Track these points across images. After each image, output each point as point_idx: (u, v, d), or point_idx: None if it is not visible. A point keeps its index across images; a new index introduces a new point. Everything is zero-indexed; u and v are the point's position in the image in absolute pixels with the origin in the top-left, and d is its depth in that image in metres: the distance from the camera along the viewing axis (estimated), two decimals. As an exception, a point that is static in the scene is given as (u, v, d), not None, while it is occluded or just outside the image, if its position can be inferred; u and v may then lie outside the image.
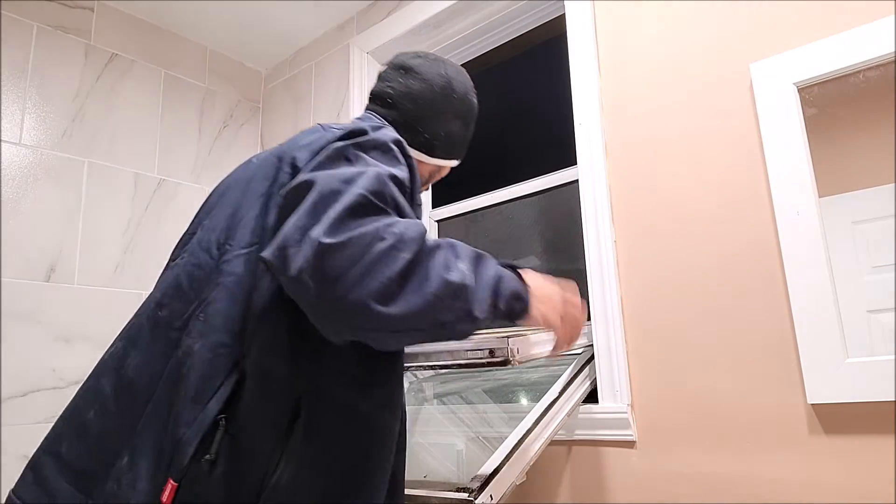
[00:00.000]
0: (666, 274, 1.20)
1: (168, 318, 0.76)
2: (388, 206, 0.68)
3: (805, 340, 1.00)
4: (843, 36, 1.04)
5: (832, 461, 0.98)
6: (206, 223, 0.84)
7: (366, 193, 0.66)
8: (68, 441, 0.76)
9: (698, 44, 1.24)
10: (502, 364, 0.89)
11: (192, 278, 0.78)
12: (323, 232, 0.62)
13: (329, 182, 0.67)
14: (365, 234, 0.63)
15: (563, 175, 1.56)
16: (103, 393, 0.76)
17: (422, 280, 0.64)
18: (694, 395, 1.13)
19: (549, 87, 1.71)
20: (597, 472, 1.22)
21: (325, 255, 0.61)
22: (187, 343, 0.72)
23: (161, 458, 0.68)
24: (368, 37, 1.97)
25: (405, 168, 0.77)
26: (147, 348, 0.76)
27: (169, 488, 0.66)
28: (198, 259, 0.79)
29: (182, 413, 0.68)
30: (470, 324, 0.69)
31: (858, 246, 0.99)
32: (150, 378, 0.73)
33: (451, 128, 0.99)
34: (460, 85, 1.00)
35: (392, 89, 0.96)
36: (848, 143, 1.03)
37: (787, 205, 1.05)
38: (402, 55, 1.01)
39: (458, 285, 0.66)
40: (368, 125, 0.80)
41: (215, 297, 0.73)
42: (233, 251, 0.76)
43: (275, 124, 2.29)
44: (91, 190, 1.85)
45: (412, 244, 0.65)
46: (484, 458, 1.16)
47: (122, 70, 1.98)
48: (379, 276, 0.61)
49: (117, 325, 1.80)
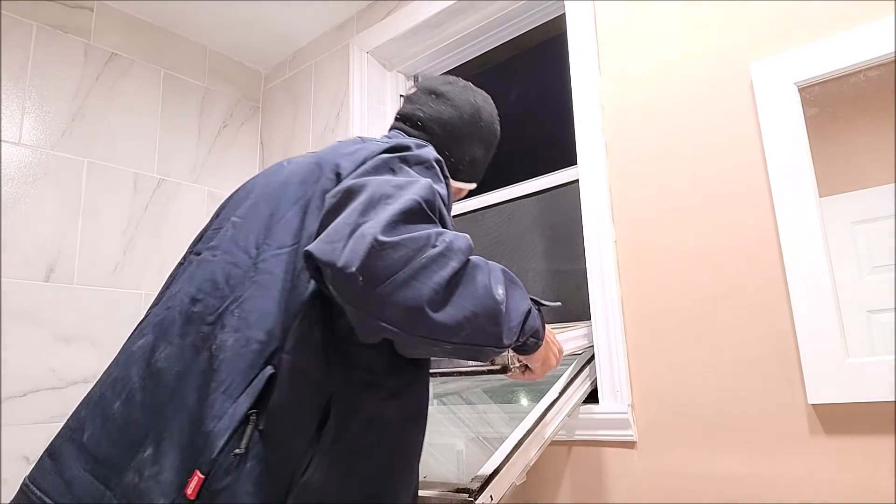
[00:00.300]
0: (666, 274, 1.20)
1: (201, 312, 0.77)
2: (436, 216, 0.70)
3: (805, 340, 1.00)
4: (843, 36, 1.04)
5: (832, 461, 0.97)
6: (238, 222, 0.85)
7: (419, 199, 0.68)
8: (92, 430, 0.75)
9: (698, 43, 1.23)
10: (502, 371, 0.90)
11: (228, 275, 0.79)
12: (378, 230, 0.63)
13: (381, 186, 0.69)
14: (418, 238, 0.64)
15: (563, 175, 1.56)
16: (131, 383, 0.76)
17: (466, 294, 0.66)
18: (694, 396, 1.13)
19: (549, 87, 1.71)
20: (597, 472, 1.22)
21: (379, 252, 0.61)
22: (221, 337, 0.72)
23: (188, 451, 0.68)
24: (368, 37, 1.97)
25: (444, 186, 0.81)
26: (178, 342, 0.76)
27: (195, 481, 0.66)
28: (235, 257, 0.80)
29: (213, 406, 0.68)
30: (496, 348, 0.71)
31: (859, 246, 0.99)
32: (179, 371, 0.73)
33: (476, 153, 1.04)
34: (487, 114, 1.05)
35: (423, 112, 1.00)
36: (848, 142, 1.02)
37: (787, 205, 1.05)
38: (433, 80, 1.05)
39: (496, 309, 0.69)
40: (412, 142, 0.84)
41: (251, 295, 0.74)
42: (270, 251, 0.78)
43: (274, 124, 2.29)
44: (90, 190, 1.84)
45: (460, 254, 0.67)
46: (484, 459, 1.15)
47: (122, 70, 1.98)
48: (429, 282, 0.63)
49: (117, 325, 1.81)
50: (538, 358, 0.88)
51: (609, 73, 1.37)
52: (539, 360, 0.88)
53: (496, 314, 0.69)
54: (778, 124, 1.08)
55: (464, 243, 0.69)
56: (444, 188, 0.80)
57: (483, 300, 0.67)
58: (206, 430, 0.67)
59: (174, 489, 0.66)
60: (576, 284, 1.49)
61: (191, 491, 0.65)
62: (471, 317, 0.66)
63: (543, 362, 0.89)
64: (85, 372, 1.75)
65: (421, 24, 1.81)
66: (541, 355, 0.87)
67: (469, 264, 0.68)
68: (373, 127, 1.95)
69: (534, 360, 0.88)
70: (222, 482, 0.66)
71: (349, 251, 0.62)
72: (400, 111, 1.03)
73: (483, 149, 1.05)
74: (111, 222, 1.87)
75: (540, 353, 0.87)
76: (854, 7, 1.05)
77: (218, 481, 0.66)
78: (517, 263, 1.61)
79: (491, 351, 0.72)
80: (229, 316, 0.74)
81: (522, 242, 1.62)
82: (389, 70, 2.04)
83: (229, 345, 0.71)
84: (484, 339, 0.69)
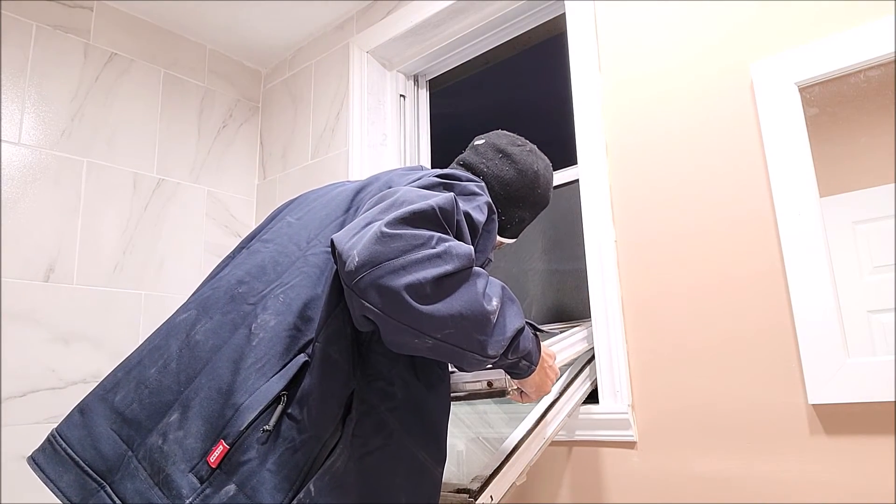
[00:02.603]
0: (666, 274, 1.20)
1: (245, 293, 0.81)
2: (450, 226, 0.74)
3: (806, 340, 1.00)
4: (843, 36, 1.04)
5: (833, 461, 0.97)
6: (294, 222, 0.91)
7: (434, 206, 0.72)
8: (125, 391, 0.78)
9: (699, 43, 1.23)
10: (500, 395, 0.91)
11: (276, 263, 0.84)
12: (385, 223, 0.68)
13: (409, 193, 0.75)
14: (418, 236, 0.68)
15: (563, 175, 1.56)
16: (169, 352, 0.79)
17: (455, 295, 0.68)
18: (695, 396, 1.13)
19: (549, 87, 1.71)
20: (597, 472, 1.22)
21: (381, 240, 0.66)
22: (263, 317, 0.76)
23: (215, 421, 0.70)
24: (368, 36, 1.97)
25: (484, 215, 0.84)
26: (218, 317, 0.80)
27: (219, 450, 0.68)
28: (286, 249, 0.86)
29: (246, 381, 0.71)
30: (480, 356, 0.73)
31: (859, 246, 0.99)
32: (215, 343, 0.77)
33: (525, 215, 1.10)
34: (545, 181, 1.11)
35: (486, 167, 1.05)
36: (848, 142, 1.02)
37: (788, 205, 1.05)
38: (504, 138, 1.10)
39: (484, 318, 0.71)
40: (466, 176, 0.89)
41: (297, 283, 0.79)
42: (320, 246, 0.84)
43: (274, 124, 2.29)
44: (90, 189, 1.84)
45: (457, 260, 0.69)
46: (484, 459, 1.15)
47: (122, 69, 1.98)
48: (416, 274, 0.66)
49: (117, 325, 1.81)
50: (532, 383, 0.88)
51: (609, 72, 1.36)
52: (533, 385, 0.89)
53: (484, 322, 0.71)
54: (778, 124, 1.08)
55: (464, 251, 0.71)
56: (481, 216, 0.83)
57: (472, 305, 0.69)
58: (237, 403, 0.70)
59: (197, 455, 0.69)
60: (576, 284, 1.49)
61: (213, 459, 0.68)
62: (457, 317, 0.68)
63: (538, 388, 0.90)
64: (85, 372, 1.75)
65: (421, 23, 1.81)
66: (535, 381, 0.88)
67: (467, 271, 0.71)
68: (373, 126, 1.95)
69: (527, 385, 0.89)
70: (246, 455, 0.68)
71: (357, 238, 0.68)
72: (464, 158, 1.08)
73: (532, 212, 1.11)
74: (111, 222, 1.87)
75: (534, 379, 0.87)
76: (854, 7, 1.05)
77: (242, 454, 0.68)
78: (517, 263, 1.61)
79: (474, 358, 0.73)
80: (273, 299, 0.78)
81: (522, 242, 1.62)
82: (389, 70, 2.04)
83: (271, 326, 0.75)
84: (468, 344, 0.70)
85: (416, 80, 2.07)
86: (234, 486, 0.67)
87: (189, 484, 0.67)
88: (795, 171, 1.05)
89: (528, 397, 0.93)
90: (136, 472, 0.70)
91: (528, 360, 0.82)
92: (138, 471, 0.70)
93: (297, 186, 2.13)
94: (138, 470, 0.70)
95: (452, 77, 2.01)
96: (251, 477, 0.67)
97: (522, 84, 1.85)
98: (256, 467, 0.68)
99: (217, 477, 0.68)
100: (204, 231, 2.10)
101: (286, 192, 2.17)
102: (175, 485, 0.68)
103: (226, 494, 0.67)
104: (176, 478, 0.68)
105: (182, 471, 0.68)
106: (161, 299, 1.95)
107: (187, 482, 0.68)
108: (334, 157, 2.00)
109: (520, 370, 0.84)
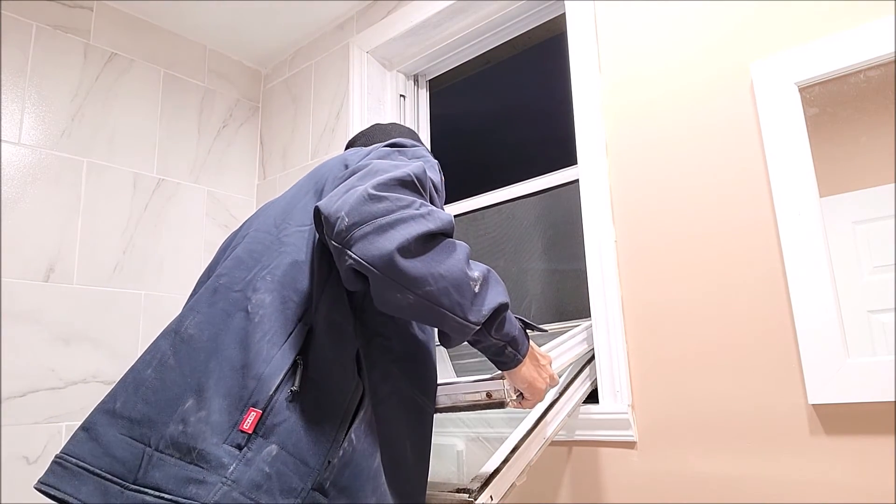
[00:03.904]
0: (666, 274, 1.20)
1: (227, 284, 0.83)
2: (424, 191, 0.79)
3: (806, 341, 1.00)
4: (843, 35, 1.04)
5: (833, 461, 0.97)
6: (259, 217, 0.95)
7: (411, 174, 0.77)
8: (125, 397, 0.77)
9: (698, 43, 1.23)
10: (499, 406, 0.90)
11: (251, 251, 0.86)
12: (370, 186, 0.73)
13: (380, 164, 0.80)
14: (403, 199, 0.73)
15: (563, 175, 1.56)
16: (161, 351, 0.79)
17: (437, 255, 0.73)
18: (695, 396, 1.13)
19: (549, 87, 1.71)
20: (597, 472, 1.22)
21: (367, 200, 0.71)
22: (257, 298, 0.79)
23: (237, 394, 0.72)
24: (368, 36, 1.97)
25: (438, 175, 0.90)
26: (205, 310, 0.81)
27: (252, 416, 0.70)
28: (256, 237, 0.89)
29: (260, 353, 0.74)
30: (460, 320, 0.74)
31: (859, 246, 0.99)
32: (211, 332, 0.78)
33: None
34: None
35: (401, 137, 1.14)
36: (848, 142, 1.02)
37: (788, 205, 1.05)
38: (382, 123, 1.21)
39: (464, 281, 0.74)
40: (409, 142, 0.94)
41: (280, 262, 0.82)
42: (291, 228, 0.87)
43: (274, 124, 2.29)
44: (90, 190, 1.84)
45: (440, 223, 0.74)
46: (484, 459, 1.16)
47: (122, 69, 1.98)
48: (403, 232, 0.70)
49: (117, 325, 1.81)
50: (522, 378, 0.87)
51: (609, 72, 1.36)
52: (523, 381, 0.87)
53: (463, 285, 0.74)
54: (778, 124, 1.08)
55: (446, 217, 0.76)
56: (438, 176, 0.89)
57: (453, 267, 0.73)
58: (258, 373, 0.73)
59: (227, 428, 0.70)
60: (576, 284, 1.49)
61: (248, 425, 0.70)
62: (437, 276, 0.72)
63: (530, 384, 0.88)
64: (85, 372, 1.75)
65: (421, 23, 1.81)
66: (524, 376, 0.87)
67: (449, 239, 0.76)
68: (373, 127, 1.95)
69: (517, 380, 0.87)
70: (279, 416, 0.71)
71: (342, 201, 0.72)
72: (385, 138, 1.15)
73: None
74: (111, 222, 1.87)
75: (522, 374, 0.86)
76: (854, 7, 1.05)
77: (276, 415, 0.71)
78: (517, 263, 1.61)
79: (454, 321, 0.74)
80: (261, 281, 0.81)
81: (522, 242, 1.62)
82: (389, 70, 2.04)
83: (267, 302, 0.78)
84: (447, 303, 0.73)
85: (416, 80, 2.07)
86: (274, 446, 0.70)
87: (227, 452, 0.68)
88: (795, 171, 1.05)
89: (528, 402, 0.92)
90: (162, 461, 0.69)
91: (513, 348, 0.83)
92: (164, 460, 0.69)
93: (297, 186, 2.13)
94: (163, 459, 0.69)
95: (452, 77, 2.01)
96: (290, 435, 0.71)
97: (522, 84, 1.85)
98: (293, 426, 0.71)
99: (254, 441, 0.69)
100: (204, 231, 2.10)
101: (286, 192, 2.17)
102: (212, 456, 0.68)
103: (269, 454, 0.69)
104: (211, 450, 0.68)
105: (215, 444, 0.69)
106: (161, 299, 1.95)
107: (225, 451, 0.69)
108: (334, 157, 2.00)
109: (505, 358, 0.83)
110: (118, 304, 1.84)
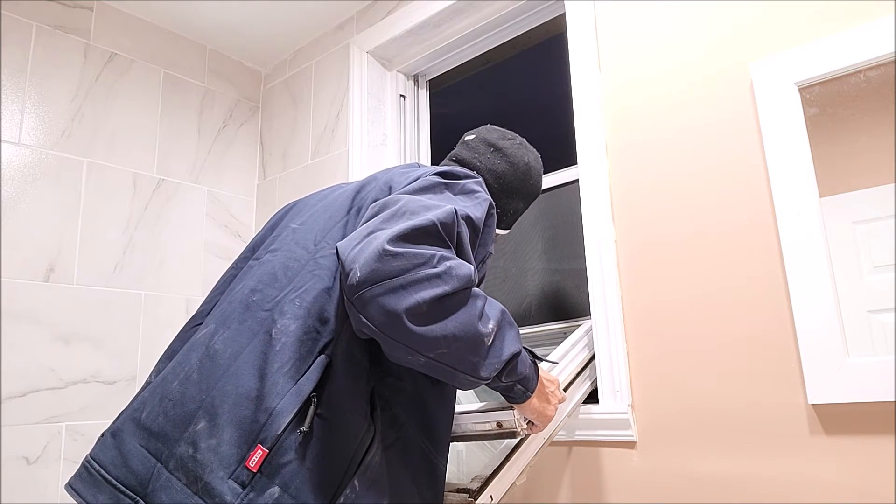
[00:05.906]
0: (666, 274, 1.20)
1: (259, 301, 0.83)
2: (451, 240, 0.75)
3: (806, 340, 1.00)
4: (843, 35, 1.04)
5: (833, 461, 0.97)
6: (298, 227, 0.93)
7: (435, 221, 0.73)
8: (151, 407, 0.79)
9: (698, 43, 1.23)
10: (510, 436, 0.91)
11: (286, 268, 0.86)
12: (388, 237, 0.70)
13: (411, 203, 0.77)
14: (421, 255, 0.70)
15: (563, 175, 1.56)
16: (190, 364, 0.80)
17: (451, 316, 0.70)
18: (694, 396, 1.13)
19: (549, 87, 1.71)
20: (597, 472, 1.22)
21: (382, 257, 0.68)
22: (282, 322, 0.78)
23: (247, 426, 0.71)
24: (368, 36, 1.97)
25: (483, 210, 0.86)
26: (235, 326, 0.81)
27: (259, 454, 0.70)
28: (294, 254, 0.88)
29: (275, 385, 0.73)
30: (472, 377, 0.75)
31: (859, 246, 0.99)
32: (234, 350, 0.78)
33: (518, 206, 1.13)
34: (536, 172, 1.15)
35: (479, 162, 1.08)
36: (848, 142, 1.02)
37: (788, 205, 1.05)
38: (494, 132, 1.13)
39: (478, 340, 0.72)
40: (463, 172, 0.91)
41: (311, 287, 0.81)
42: (327, 248, 0.86)
43: (274, 124, 2.29)
44: (90, 190, 1.84)
45: (456, 281, 0.71)
46: (484, 458, 1.15)
47: (122, 70, 1.98)
48: (415, 295, 0.68)
49: (117, 324, 1.81)
50: (531, 409, 0.88)
51: (609, 72, 1.36)
52: (533, 412, 0.88)
53: (477, 344, 0.72)
54: (778, 124, 1.08)
55: (465, 272, 0.72)
56: (480, 213, 0.85)
57: (467, 327, 0.71)
58: (270, 407, 0.72)
59: (234, 461, 0.70)
60: (576, 284, 1.49)
61: (253, 464, 0.69)
62: (450, 338, 0.70)
63: (539, 414, 0.89)
64: (85, 372, 1.75)
65: (421, 23, 1.81)
66: (533, 407, 0.88)
67: (465, 292, 0.72)
68: (373, 127, 1.95)
69: (526, 411, 0.88)
70: (286, 457, 0.70)
71: (359, 250, 0.70)
72: (457, 154, 1.11)
73: (525, 203, 1.15)
74: (111, 222, 1.87)
75: (533, 405, 0.87)
76: (854, 7, 1.05)
77: (282, 456, 0.70)
78: (517, 263, 1.61)
79: (466, 379, 0.75)
80: (289, 304, 0.80)
81: (522, 242, 1.62)
82: (389, 70, 2.04)
83: (291, 330, 0.77)
84: (460, 365, 0.72)
85: (416, 80, 2.07)
86: (277, 488, 0.69)
87: (231, 490, 0.69)
88: (795, 171, 1.05)
89: (538, 428, 0.93)
90: (170, 482, 0.71)
91: (523, 385, 0.83)
92: (171, 481, 0.71)
93: (297, 186, 2.13)
94: (171, 481, 0.71)
95: (452, 77, 2.01)
96: (294, 478, 0.69)
97: (522, 84, 1.85)
98: (297, 468, 0.70)
99: (259, 481, 0.69)
100: (204, 231, 2.10)
101: (286, 192, 2.17)
102: (216, 491, 0.69)
103: (270, 496, 0.68)
104: (216, 485, 0.69)
105: (221, 478, 0.69)
106: (161, 299, 1.95)
107: (228, 488, 0.69)
108: (334, 158, 2.00)
109: (514, 394, 0.85)
110: (118, 304, 1.84)
